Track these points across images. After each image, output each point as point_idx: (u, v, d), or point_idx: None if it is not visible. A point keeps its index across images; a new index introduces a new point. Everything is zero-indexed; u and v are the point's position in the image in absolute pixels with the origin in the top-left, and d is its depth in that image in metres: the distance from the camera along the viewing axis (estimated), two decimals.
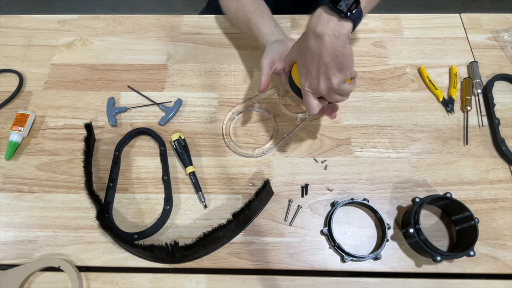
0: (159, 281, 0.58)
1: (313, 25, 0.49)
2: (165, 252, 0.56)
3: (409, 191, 0.65)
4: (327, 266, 0.59)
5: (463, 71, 0.78)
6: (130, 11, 2.06)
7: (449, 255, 0.56)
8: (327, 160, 0.68)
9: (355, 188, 0.65)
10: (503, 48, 0.80)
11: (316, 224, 0.62)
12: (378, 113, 0.73)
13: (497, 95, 0.74)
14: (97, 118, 0.73)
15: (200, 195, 0.64)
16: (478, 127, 0.71)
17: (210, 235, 0.56)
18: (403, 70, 0.78)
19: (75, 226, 0.62)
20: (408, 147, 0.69)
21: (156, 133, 0.70)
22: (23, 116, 0.70)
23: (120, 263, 0.59)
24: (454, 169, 0.66)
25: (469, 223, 0.57)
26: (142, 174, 0.67)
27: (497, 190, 0.64)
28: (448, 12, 0.86)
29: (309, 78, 0.53)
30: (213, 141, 0.70)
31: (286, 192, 0.65)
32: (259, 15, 0.69)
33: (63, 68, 0.79)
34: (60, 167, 0.68)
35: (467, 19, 0.85)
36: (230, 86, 0.76)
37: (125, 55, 0.81)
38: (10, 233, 0.62)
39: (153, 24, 0.86)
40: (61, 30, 0.85)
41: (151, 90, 0.76)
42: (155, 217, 0.63)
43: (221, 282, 0.58)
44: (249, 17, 0.69)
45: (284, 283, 0.58)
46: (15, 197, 0.65)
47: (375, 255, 0.58)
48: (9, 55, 0.81)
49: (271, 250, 0.60)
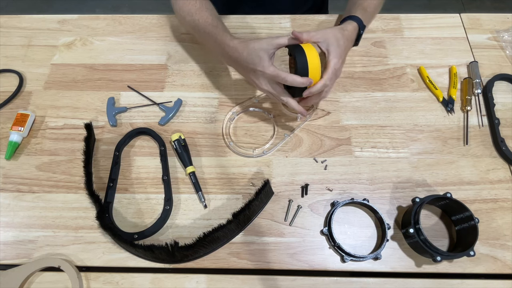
0: (159, 281, 0.58)
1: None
2: (165, 252, 0.56)
3: (409, 191, 0.65)
4: (327, 266, 0.59)
5: (463, 71, 0.78)
6: (130, 11, 2.06)
7: (449, 255, 0.56)
8: (327, 160, 0.68)
9: (355, 188, 0.65)
10: (503, 48, 0.80)
11: (316, 224, 0.62)
12: (378, 113, 0.73)
13: (497, 95, 0.74)
14: (97, 118, 0.73)
15: (200, 195, 0.64)
16: (478, 127, 0.71)
17: (210, 235, 0.56)
18: (403, 70, 0.78)
19: (75, 226, 0.62)
20: (408, 147, 0.69)
21: (156, 133, 0.70)
22: (23, 116, 0.70)
23: (120, 263, 0.59)
24: (454, 169, 0.66)
25: (469, 223, 0.57)
26: (142, 174, 0.67)
27: (497, 190, 0.64)
28: (448, 12, 0.86)
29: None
30: (213, 141, 0.70)
31: (286, 192, 0.65)
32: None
33: (63, 68, 0.79)
34: (60, 167, 0.68)
35: (467, 19, 0.85)
36: (230, 86, 0.76)
37: (125, 55, 0.81)
38: (10, 233, 0.62)
39: (153, 24, 0.86)
40: (61, 30, 0.85)
41: (151, 90, 0.76)
42: (155, 217, 0.63)
43: (221, 282, 0.58)
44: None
45: (284, 283, 0.58)
46: (15, 197, 0.65)
47: (375, 255, 0.58)
48: (9, 55, 0.81)
49: (271, 250, 0.60)
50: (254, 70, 0.60)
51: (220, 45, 0.64)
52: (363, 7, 0.71)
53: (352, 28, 0.67)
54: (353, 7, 0.72)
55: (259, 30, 0.84)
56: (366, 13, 0.71)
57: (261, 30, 0.84)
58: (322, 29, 0.62)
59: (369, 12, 0.72)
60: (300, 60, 0.57)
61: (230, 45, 0.62)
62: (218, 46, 0.65)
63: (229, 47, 0.62)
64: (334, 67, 0.59)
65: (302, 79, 0.57)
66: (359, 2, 0.73)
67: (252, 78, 0.62)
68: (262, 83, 0.61)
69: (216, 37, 0.65)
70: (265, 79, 0.60)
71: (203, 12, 0.68)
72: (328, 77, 0.59)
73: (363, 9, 0.71)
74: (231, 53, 0.62)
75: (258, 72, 0.60)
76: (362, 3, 0.72)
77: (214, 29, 0.66)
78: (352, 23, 0.68)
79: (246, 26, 0.84)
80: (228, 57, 0.64)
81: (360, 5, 0.72)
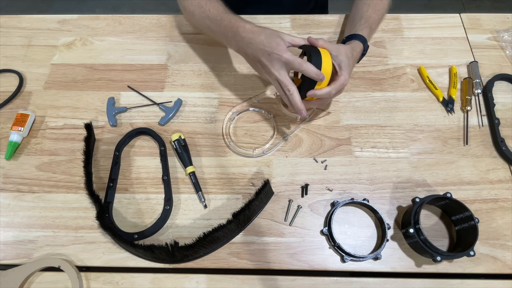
0: (159, 281, 0.58)
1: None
2: (165, 252, 0.56)
3: (409, 191, 0.65)
4: (327, 266, 0.59)
5: (463, 71, 0.78)
6: (130, 11, 2.06)
7: (449, 255, 0.56)
8: (327, 160, 0.68)
9: (355, 188, 0.65)
10: (503, 48, 0.80)
11: (316, 224, 0.62)
12: (378, 113, 0.73)
13: (497, 95, 0.74)
14: (97, 118, 0.73)
15: (200, 195, 0.64)
16: (478, 127, 0.71)
17: (210, 235, 0.56)
18: (403, 70, 0.78)
19: (75, 226, 0.62)
20: (408, 147, 0.69)
21: (156, 133, 0.70)
22: (23, 116, 0.70)
23: (120, 263, 0.59)
24: (454, 169, 0.66)
25: (469, 223, 0.57)
26: (142, 174, 0.67)
27: (497, 190, 0.64)
28: (448, 12, 0.86)
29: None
30: (213, 141, 0.70)
31: (286, 192, 0.65)
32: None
33: (63, 68, 0.79)
34: (60, 167, 0.68)
35: (467, 19, 0.85)
36: (230, 86, 0.76)
37: (125, 55, 0.81)
38: (10, 233, 0.62)
39: (153, 24, 0.86)
40: (61, 30, 0.85)
41: (151, 90, 0.76)
42: (155, 217, 0.63)
43: (221, 282, 0.58)
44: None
45: (284, 283, 0.58)
46: (15, 197, 0.65)
47: (375, 255, 0.58)
48: (9, 55, 0.81)
49: (271, 250, 0.60)
50: (270, 53, 0.59)
51: (233, 27, 0.64)
52: (369, 24, 0.71)
53: (359, 51, 0.69)
54: (358, 22, 0.72)
55: None
56: (371, 31, 0.73)
57: None
58: (335, 43, 0.63)
59: (373, 30, 0.74)
60: (315, 59, 0.58)
61: (245, 27, 0.62)
62: (230, 30, 0.64)
63: (244, 28, 0.62)
64: (343, 81, 0.60)
65: (316, 70, 0.57)
66: (365, 17, 0.72)
67: (265, 61, 0.60)
68: (275, 67, 0.59)
69: (230, 20, 0.65)
70: (278, 63, 0.59)
71: (213, 3, 0.69)
72: (335, 87, 0.60)
73: (369, 27, 0.71)
74: (245, 35, 0.62)
75: (274, 55, 0.59)
76: (368, 19, 0.72)
77: (227, 15, 0.66)
78: (360, 45, 0.69)
79: None
80: (241, 38, 0.63)
81: (367, 21, 0.72)
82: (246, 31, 0.62)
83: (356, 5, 0.77)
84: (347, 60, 0.62)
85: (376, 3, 0.74)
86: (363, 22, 0.72)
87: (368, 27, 0.71)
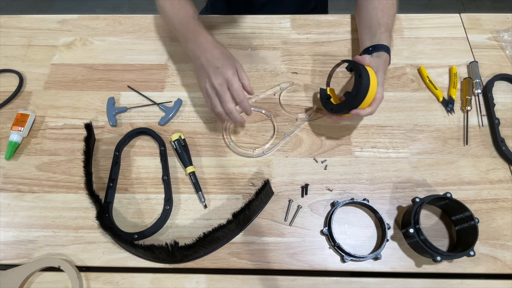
0: (159, 281, 0.58)
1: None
2: (165, 252, 0.56)
3: (409, 191, 0.65)
4: (327, 266, 0.59)
5: (463, 71, 0.78)
6: (130, 11, 2.06)
7: (449, 255, 0.56)
8: (327, 160, 0.68)
9: (355, 188, 0.65)
10: (503, 48, 0.80)
11: (316, 224, 0.62)
12: (378, 113, 0.72)
13: (497, 95, 0.74)
14: (97, 118, 0.73)
15: (200, 195, 0.64)
16: (478, 127, 0.71)
17: (210, 235, 0.56)
18: (403, 70, 0.78)
19: (75, 226, 0.62)
20: (408, 147, 0.69)
21: (156, 133, 0.70)
22: (23, 116, 0.70)
23: (120, 263, 0.59)
24: (454, 169, 0.66)
25: (469, 223, 0.57)
26: (142, 174, 0.67)
27: (497, 190, 0.64)
28: (448, 12, 0.86)
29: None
30: (213, 141, 0.70)
31: (286, 192, 0.65)
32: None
33: (63, 68, 0.79)
34: (60, 167, 0.68)
35: (467, 19, 0.85)
36: None
37: (125, 55, 0.81)
38: (10, 233, 0.62)
39: (153, 24, 0.86)
40: (61, 30, 0.85)
41: (151, 90, 0.76)
42: (155, 217, 0.63)
43: (221, 282, 0.58)
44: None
45: (284, 283, 0.58)
46: (15, 197, 0.65)
47: (375, 255, 0.58)
48: (9, 55, 0.81)
49: (271, 250, 0.60)
50: (218, 67, 0.62)
51: (196, 31, 0.67)
52: (388, 32, 0.70)
53: (388, 63, 0.70)
54: (379, 30, 0.69)
55: (259, 30, 0.84)
56: (391, 39, 0.71)
57: (261, 30, 0.84)
58: (375, 58, 0.66)
59: (391, 37, 0.72)
60: (365, 80, 0.59)
61: (207, 37, 0.66)
62: (192, 32, 0.67)
63: (205, 37, 0.66)
64: (381, 98, 0.63)
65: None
66: (383, 24, 0.70)
67: (211, 72, 0.62)
68: (218, 80, 0.61)
69: (195, 25, 0.68)
70: (221, 78, 0.61)
71: (185, 5, 0.72)
72: (376, 106, 0.62)
73: (389, 35, 0.70)
74: (204, 42, 0.65)
75: (220, 70, 0.61)
76: (387, 27, 0.70)
77: (195, 20, 0.70)
78: (388, 56, 0.68)
79: (247, 26, 0.84)
80: (199, 44, 0.66)
81: (387, 29, 0.70)
82: (206, 40, 0.66)
83: (367, 9, 0.73)
84: (383, 75, 0.64)
85: (389, 9, 0.72)
86: (383, 30, 0.69)
87: (388, 36, 0.70)
